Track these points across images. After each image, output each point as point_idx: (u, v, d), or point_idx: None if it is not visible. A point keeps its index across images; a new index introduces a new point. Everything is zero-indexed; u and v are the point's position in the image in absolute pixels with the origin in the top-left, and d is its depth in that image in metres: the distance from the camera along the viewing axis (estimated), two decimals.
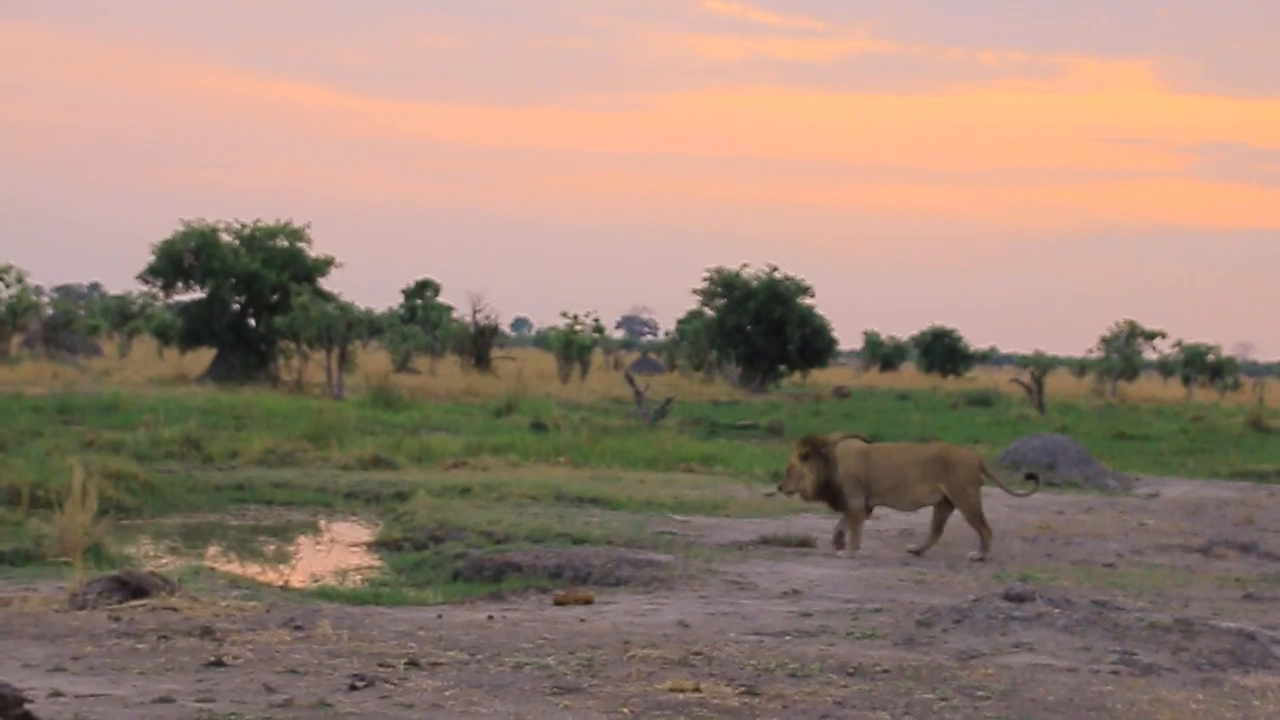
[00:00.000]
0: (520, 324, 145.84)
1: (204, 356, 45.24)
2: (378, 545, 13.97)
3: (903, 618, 9.38)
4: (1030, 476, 14.08)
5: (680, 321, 68.80)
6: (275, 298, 42.15)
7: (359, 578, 12.08)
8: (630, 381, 31.94)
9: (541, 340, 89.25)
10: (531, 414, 28.89)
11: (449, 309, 64.27)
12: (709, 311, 53.11)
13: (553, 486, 17.01)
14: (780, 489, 13.45)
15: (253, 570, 12.38)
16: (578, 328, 52.08)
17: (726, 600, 10.21)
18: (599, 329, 53.85)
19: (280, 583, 11.22)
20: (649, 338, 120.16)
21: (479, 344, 53.15)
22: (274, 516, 16.32)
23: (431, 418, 28.43)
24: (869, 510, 13.31)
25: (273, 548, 14.36)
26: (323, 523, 16.14)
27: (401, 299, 67.36)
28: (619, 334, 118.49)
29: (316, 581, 11.58)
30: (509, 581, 11.24)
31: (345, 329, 38.24)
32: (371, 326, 52.31)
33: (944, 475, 12.96)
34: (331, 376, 36.77)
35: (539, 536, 13.17)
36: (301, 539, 15.01)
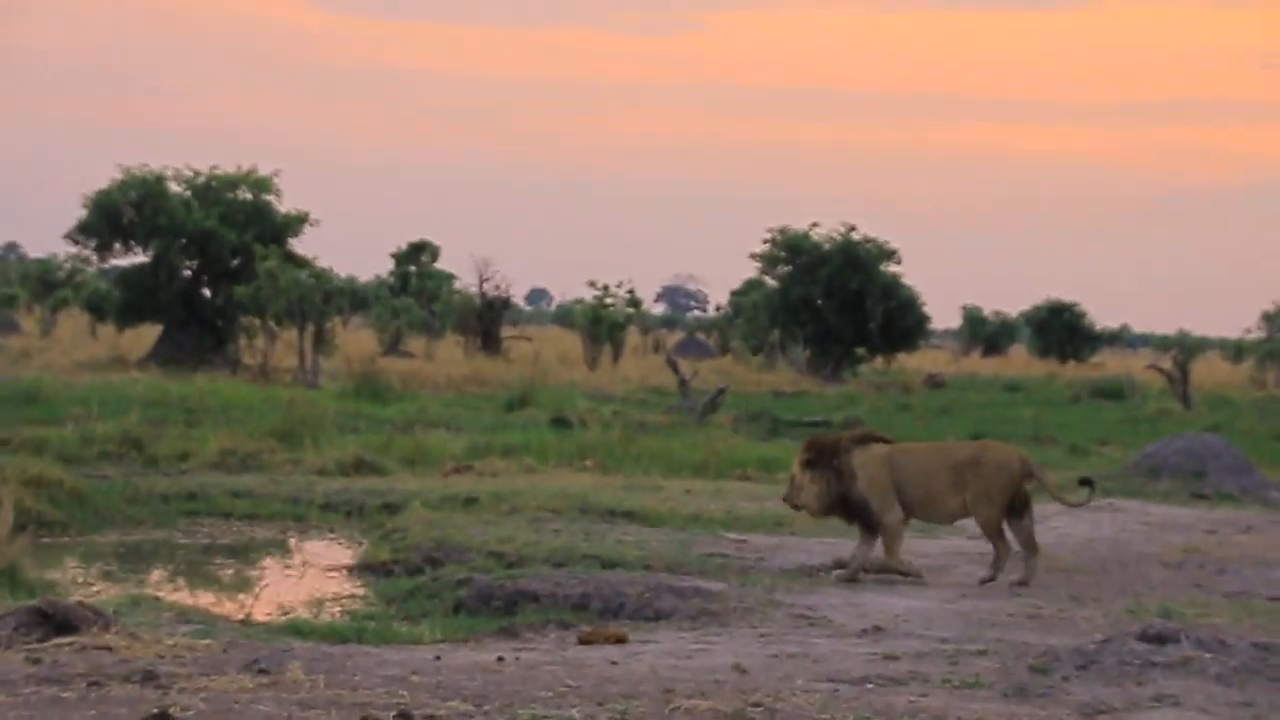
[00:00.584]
0: (537, 296, 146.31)
1: (147, 335, 45.44)
2: (361, 569, 14.11)
3: (1013, 662, 9.38)
4: (1085, 481, 14.12)
5: (735, 293, 68.71)
6: (235, 262, 42.34)
7: (338, 609, 12.19)
8: (673, 368, 32.04)
9: (564, 316, 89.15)
10: (551, 407, 29.38)
11: (450, 278, 64.45)
12: (770, 281, 53.19)
13: (577, 497, 17.18)
14: (785, 500, 13.82)
15: (206, 600, 12.43)
16: (608, 301, 52.02)
17: (793, 638, 10.28)
18: (635, 303, 53.74)
19: (240, 616, 11.31)
20: (696, 313, 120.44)
21: (487, 321, 53.28)
22: (233, 533, 16.51)
23: (428, 411, 28.78)
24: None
25: (231, 572, 14.46)
26: (294, 541, 16.27)
27: (391, 265, 67.49)
28: (659, 309, 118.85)
29: (286, 614, 11.68)
30: (524, 614, 11.38)
31: (322, 301, 38.39)
32: (354, 299, 52.55)
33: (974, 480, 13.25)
34: (305, 360, 36.96)
35: (561, 559, 13.33)
36: (267, 561, 15.12)
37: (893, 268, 51.61)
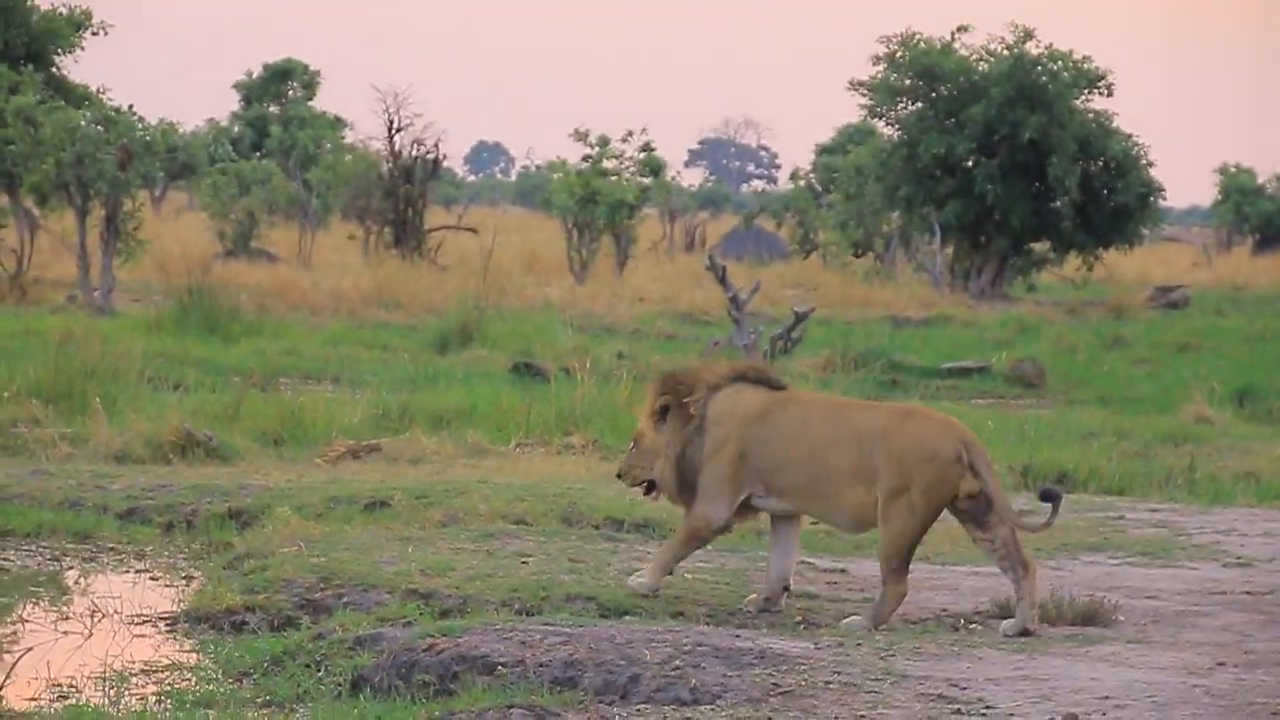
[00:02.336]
0: (484, 158, 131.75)
1: None
2: (193, 621, 11.65)
3: None
4: (1049, 495, 10.92)
5: (822, 150, 57.24)
6: None
7: (153, 689, 10.02)
8: (719, 277, 26.03)
9: (532, 192, 79.73)
10: (513, 346, 25.52)
11: (337, 125, 57.07)
12: (885, 129, 42.23)
13: (558, 498, 14.44)
14: (621, 477, 11.28)
15: None
16: (607, 164, 41.90)
17: None
18: (653, 167, 42.39)
19: None
20: (758, 185, 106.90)
21: (401, 200, 42.60)
22: None
23: (303, 353, 24.79)
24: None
25: None
26: (74, 575, 13.52)
27: (238, 104, 60.27)
28: (694, 177, 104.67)
29: (62, 699, 9.76)
30: (469, 695, 9.55)
31: (118, 166, 31.14)
32: (175, 162, 43.71)
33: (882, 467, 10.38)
34: (90, 266, 30.83)
35: (530, 602, 11.22)
36: (28, 609, 12.50)
37: (1096, 102, 40.04)
